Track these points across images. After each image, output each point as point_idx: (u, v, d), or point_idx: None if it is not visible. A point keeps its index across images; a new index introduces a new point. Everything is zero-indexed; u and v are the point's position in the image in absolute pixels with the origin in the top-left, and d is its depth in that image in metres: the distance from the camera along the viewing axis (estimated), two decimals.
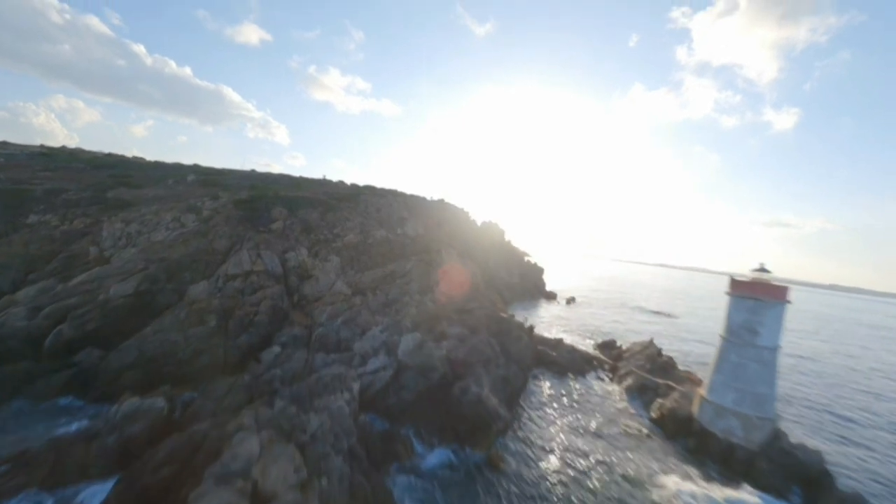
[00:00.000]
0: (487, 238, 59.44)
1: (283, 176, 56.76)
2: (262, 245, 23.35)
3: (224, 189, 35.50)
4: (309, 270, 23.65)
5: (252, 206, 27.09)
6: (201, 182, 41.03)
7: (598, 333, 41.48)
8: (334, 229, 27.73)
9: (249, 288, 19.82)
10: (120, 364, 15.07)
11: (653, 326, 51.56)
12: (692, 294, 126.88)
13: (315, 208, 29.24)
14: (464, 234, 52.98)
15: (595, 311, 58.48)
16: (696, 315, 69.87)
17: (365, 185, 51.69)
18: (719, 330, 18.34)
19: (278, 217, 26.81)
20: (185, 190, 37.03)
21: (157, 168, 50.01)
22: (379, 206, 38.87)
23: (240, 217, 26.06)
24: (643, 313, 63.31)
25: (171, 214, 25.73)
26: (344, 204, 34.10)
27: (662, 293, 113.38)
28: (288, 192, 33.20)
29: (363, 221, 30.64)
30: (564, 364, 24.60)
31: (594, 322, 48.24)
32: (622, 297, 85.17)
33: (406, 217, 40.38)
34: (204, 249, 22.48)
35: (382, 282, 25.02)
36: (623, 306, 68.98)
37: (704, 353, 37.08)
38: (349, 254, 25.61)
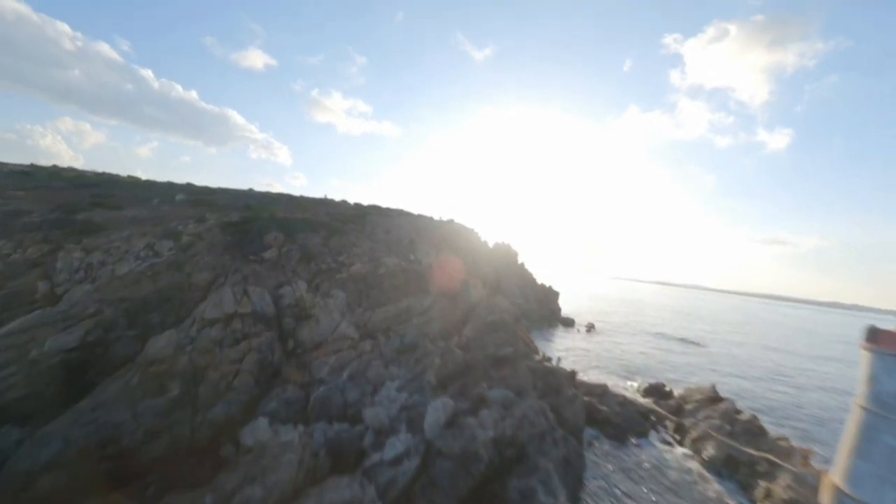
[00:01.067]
0: (501, 261, 55.32)
1: (282, 195, 53.13)
2: (252, 278, 19.08)
3: (214, 210, 31.51)
4: (308, 309, 19.29)
5: (242, 230, 22.97)
6: (191, 202, 37.13)
7: (635, 370, 36.76)
8: (339, 257, 23.51)
9: (231, 337, 15.43)
10: (34, 462, 10.52)
11: (685, 358, 46.78)
12: (702, 315, 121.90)
13: (316, 232, 25.12)
14: (476, 258, 48.87)
15: (618, 339, 53.69)
16: (723, 342, 64.99)
17: (370, 205, 47.96)
18: (856, 397, 13.84)
19: (273, 243, 22.64)
20: (171, 211, 33.05)
21: (146, 187, 46.29)
22: (387, 228, 34.88)
23: (227, 244, 21.89)
24: (667, 341, 58.49)
25: (144, 241, 21.56)
26: (349, 226, 30.06)
27: (673, 315, 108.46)
28: (286, 214, 29.19)
29: (372, 247, 26.48)
30: (620, 422, 19.93)
31: (623, 354, 43.47)
32: (637, 321, 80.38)
33: (416, 240, 36.34)
34: (178, 285, 18.18)
35: (396, 321, 20.64)
36: (643, 333, 64.21)
37: (766, 398, 32.37)
38: (356, 287, 21.30)
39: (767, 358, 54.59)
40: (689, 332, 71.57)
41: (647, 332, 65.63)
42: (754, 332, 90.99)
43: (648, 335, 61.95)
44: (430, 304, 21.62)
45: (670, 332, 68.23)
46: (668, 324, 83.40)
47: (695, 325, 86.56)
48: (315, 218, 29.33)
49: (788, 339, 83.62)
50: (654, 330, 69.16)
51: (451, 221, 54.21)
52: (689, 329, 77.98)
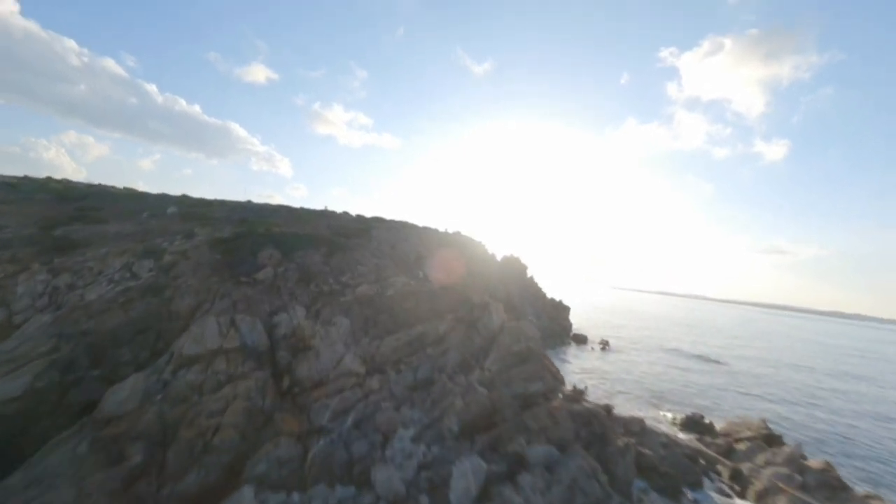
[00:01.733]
0: (510, 275, 52.77)
1: (281, 207, 50.88)
2: (242, 304, 16.49)
3: (206, 224, 29.09)
4: (307, 339, 16.65)
5: (233, 248, 20.48)
6: (183, 215, 34.74)
7: (662, 395, 33.86)
8: (342, 277, 20.95)
9: (212, 380, 12.78)
10: None
11: (709, 378, 43.83)
12: (710, 328, 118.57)
13: (317, 249, 22.62)
14: (485, 273, 46.33)
15: (635, 357, 50.74)
16: (740, 358, 61.99)
17: (373, 217, 45.65)
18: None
19: (267, 262, 20.12)
20: (160, 225, 30.62)
21: (137, 199, 43.96)
22: (393, 243, 32.44)
23: (215, 263, 19.37)
24: (685, 358, 55.52)
25: (121, 260, 19.03)
26: (352, 241, 27.60)
27: (682, 328, 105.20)
28: (284, 228, 26.76)
29: (378, 264, 23.95)
30: (668, 470, 17.09)
31: (644, 376, 40.56)
32: (649, 335, 77.41)
33: (423, 255, 33.85)
34: (156, 313, 15.58)
35: (408, 352, 17.98)
36: (658, 349, 61.23)
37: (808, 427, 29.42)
38: (362, 312, 18.68)
39: (791, 377, 51.62)
40: (703, 348, 68.63)
41: (661, 348, 62.66)
42: (767, 345, 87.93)
43: (664, 352, 59.00)
44: (446, 330, 18.99)
45: (685, 348, 65.28)
46: (679, 338, 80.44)
47: (706, 340, 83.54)
48: (315, 232, 26.89)
49: (804, 354, 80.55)
50: (668, 346, 66.19)
51: (457, 234, 51.86)
52: (702, 344, 75.00)
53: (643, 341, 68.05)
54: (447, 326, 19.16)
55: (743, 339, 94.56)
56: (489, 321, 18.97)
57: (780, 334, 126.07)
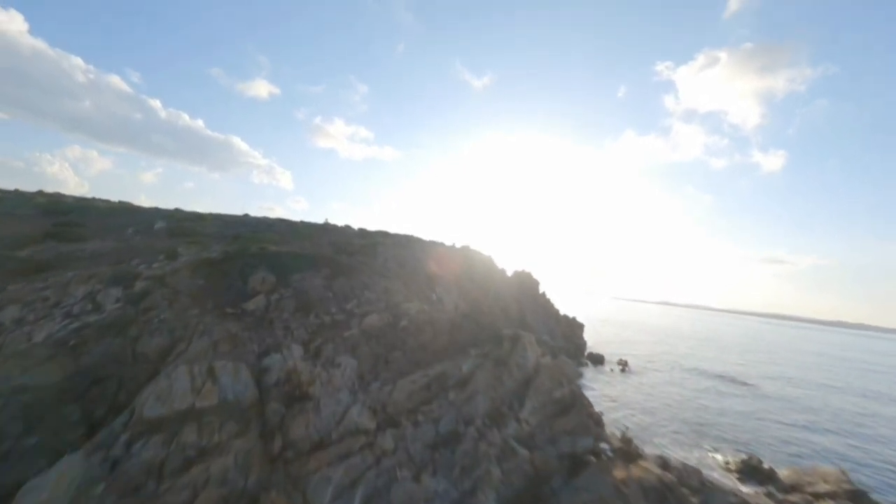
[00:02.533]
0: (522, 292, 49.72)
1: (279, 221, 48.17)
2: (224, 344, 13.49)
3: (194, 241, 26.22)
4: (304, 386, 13.59)
5: (220, 271, 17.57)
6: (171, 231, 31.92)
7: (701, 429, 30.47)
8: (346, 304, 17.97)
9: (177, 457, 9.67)
10: None
11: (743, 404, 40.39)
12: (723, 341, 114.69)
13: (317, 270, 19.69)
14: (498, 290, 43.32)
15: (657, 379, 47.28)
16: (766, 378, 58.43)
17: (378, 231, 42.88)
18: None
19: (259, 288, 17.18)
20: (144, 242, 27.74)
21: (124, 214, 41.19)
22: (401, 260, 29.53)
23: (197, 291, 16.41)
24: (710, 379, 51.99)
25: (85, 288, 16.09)
26: (357, 259, 24.71)
27: (695, 343, 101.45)
28: (281, 246, 23.89)
29: (387, 287, 20.97)
30: None
31: (674, 403, 37.14)
32: (664, 352, 73.89)
33: (435, 274, 30.90)
34: (116, 357, 12.57)
35: (426, 397, 14.88)
36: (679, 368, 57.75)
37: (872, 467, 26.03)
38: (371, 349, 15.64)
39: (827, 400, 48.08)
40: (723, 366, 65.11)
41: (680, 367, 59.15)
42: (785, 361, 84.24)
43: (685, 372, 55.50)
44: (471, 369, 15.90)
45: (705, 367, 61.76)
46: (694, 354, 76.88)
47: (722, 356, 79.90)
48: (316, 251, 24.00)
49: (827, 370, 76.89)
50: (686, 364, 62.68)
51: (466, 248, 49.03)
52: (719, 361, 71.43)
53: (659, 359, 64.57)
54: (472, 364, 16.08)
55: (758, 354, 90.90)
56: (523, 358, 15.89)
57: (792, 348, 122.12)
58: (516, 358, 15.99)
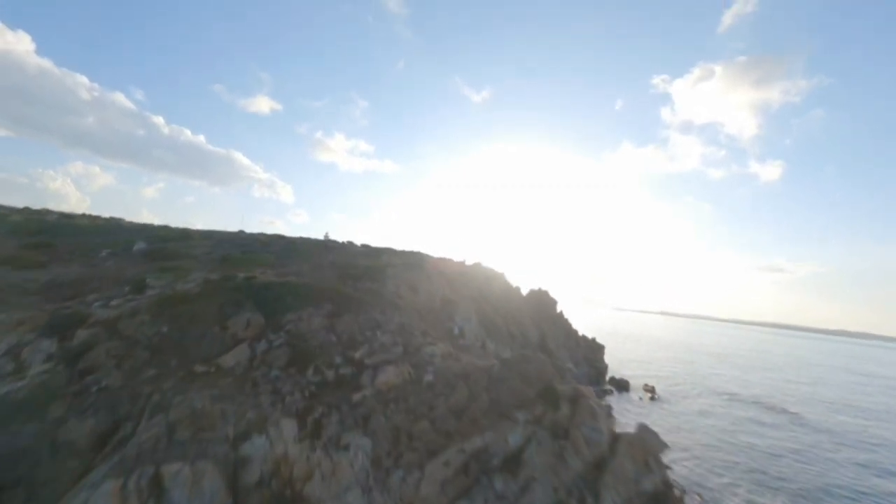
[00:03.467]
0: (539, 313, 45.74)
1: (276, 238, 44.47)
2: (184, 429, 9.58)
3: (173, 267, 22.42)
4: (298, 483, 9.62)
5: (192, 312, 13.73)
6: (150, 254, 28.09)
7: (764, 481, 26.15)
8: (355, 352, 14.07)
9: None
10: None
11: (795, 438, 36.03)
12: (738, 356, 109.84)
13: (318, 306, 15.83)
14: (515, 313, 39.39)
15: (691, 408, 42.84)
16: (805, 402, 53.96)
17: (383, 248, 39.13)
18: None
19: (243, 333, 13.32)
20: (115, 268, 23.93)
21: (105, 233, 37.39)
22: (413, 283, 25.69)
23: (158, 341, 12.51)
24: (747, 407, 47.55)
25: (11, 338, 12.18)
26: (364, 286, 20.90)
27: (713, 359, 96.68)
28: (274, 272, 20.07)
29: (402, 323, 17.07)
30: None
31: (722, 443, 32.78)
32: (686, 373, 69.42)
33: (453, 299, 27.08)
34: (27, 453, 8.68)
35: (464, 487, 10.88)
36: (710, 393, 53.30)
37: None
38: (389, 420, 11.66)
39: (879, 431, 43.74)
40: (753, 389, 60.63)
41: (709, 391, 54.70)
42: (814, 379, 79.63)
43: (716, 398, 51.07)
44: (522, 442, 11.92)
45: (735, 390, 57.33)
46: (718, 374, 72.41)
47: (748, 376, 75.27)
48: (316, 278, 20.18)
49: (862, 391, 72.27)
50: (713, 386, 58.25)
51: (478, 265, 45.27)
52: (747, 382, 66.90)
53: (683, 381, 60.13)
54: (522, 436, 12.10)
55: (782, 372, 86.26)
56: (592, 429, 11.88)
57: (810, 362, 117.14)
58: (582, 427, 11.99)
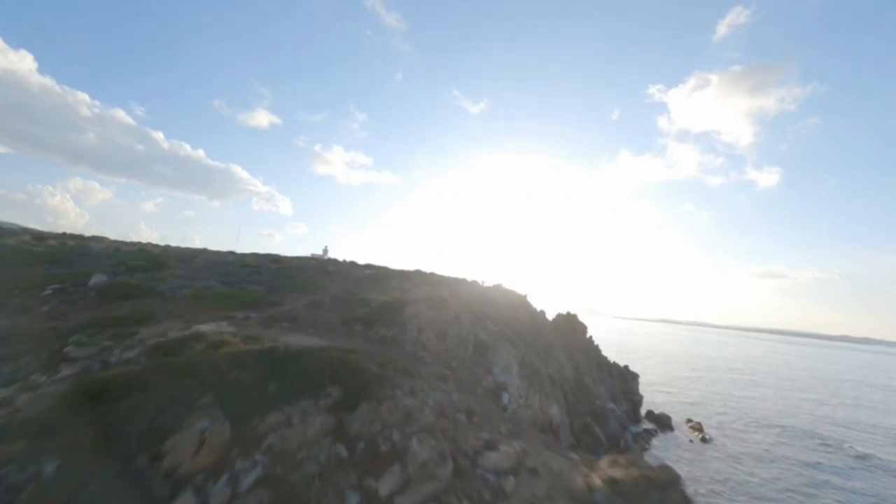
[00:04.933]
0: (569, 342, 40.12)
1: (268, 260, 39.05)
2: None
3: (125, 316, 16.82)
4: None
5: (106, 421, 8.21)
6: (107, 291, 22.29)
7: None
8: (379, 478, 8.56)
9: None
10: None
11: (888, 496, 30.24)
12: (763, 371, 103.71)
13: (316, 391, 10.32)
14: (547, 344, 33.78)
15: (747, 452, 36.82)
16: (868, 435, 48.04)
17: (395, 271, 33.65)
18: None
19: (191, 464, 7.83)
20: (53, 314, 18.25)
21: (63, 261, 31.64)
22: (440, 325, 20.13)
23: (39, 486, 7.16)
24: (806, 445, 41.56)
25: None
26: (379, 332, 15.36)
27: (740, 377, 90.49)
28: (254, 323, 14.55)
29: (442, 407, 11.50)
30: None
31: None
32: (720, 394, 63.75)
33: (487, 341, 21.56)
34: None
35: None
36: (755, 425, 47.47)
37: None
38: None
39: None
40: (802, 418, 54.73)
41: (759, 424, 48.77)
42: (853, 400, 73.65)
43: (769, 433, 45.17)
44: None
45: (784, 421, 51.48)
46: (752, 396, 66.51)
47: (785, 398, 69.28)
48: (314, 330, 14.67)
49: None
50: (760, 417, 52.30)
51: (499, 287, 39.82)
52: (789, 407, 60.93)
53: (723, 409, 54.25)
54: None
55: (813, 391, 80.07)
56: None
57: (834, 376, 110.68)
58: None
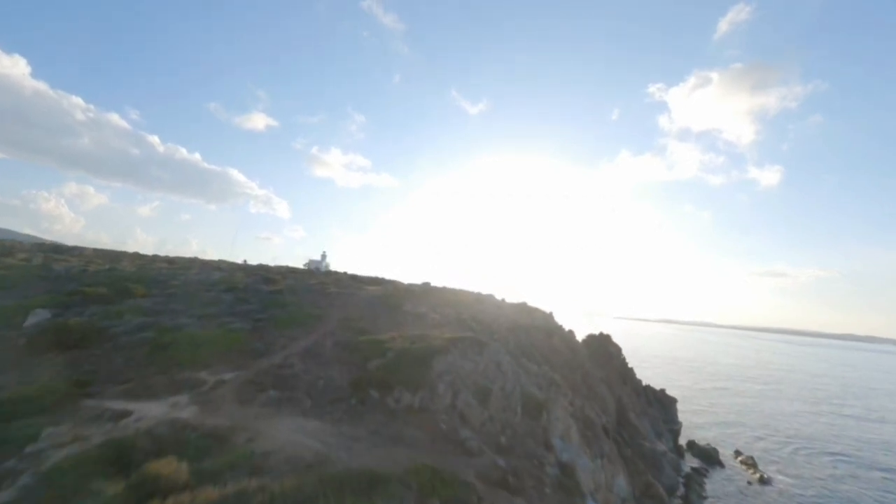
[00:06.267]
0: (604, 367, 35.24)
1: (258, 278, 34.25)
2: None
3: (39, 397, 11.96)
4: None
5: None
6: (45, 334, 17.31)
7: None
8: None
9: None
10: None
11: None
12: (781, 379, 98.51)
13: None
14: (585, 374, 28.93)
15: (817, 496, 31.97)
16: None
17: (407, 287, 28.74)
18: None
19: None
20: None
21: (14, 282, 26.49)
22: (479, 381, 15.24)
23: None
24: (875, 479, 36.72)
25: None
26: (399, 401, 10.58)
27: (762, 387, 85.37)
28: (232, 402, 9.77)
29: None
30: None
31: None
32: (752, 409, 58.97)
33: (539, 399, 16.69)
34: None
35: None
36: (809, 453, 42.55)
37: None
38: None
39: None
40: (848, 439, 49.77)
41: (809, 450, 43.81)
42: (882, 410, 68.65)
43: (825, 461, 40.29)
44: None
45: (832, 445, 46.51)
46: (787, 413, 61.28)
47: (819, 413, 64.19)
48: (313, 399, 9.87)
49: None
50: (807, 441, 47.29)
51: (523, 305, 34.96)
52: (831, 427, 55.78)
53: (762, 432, 49.19)
54: None
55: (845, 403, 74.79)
56: None
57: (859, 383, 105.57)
58: None
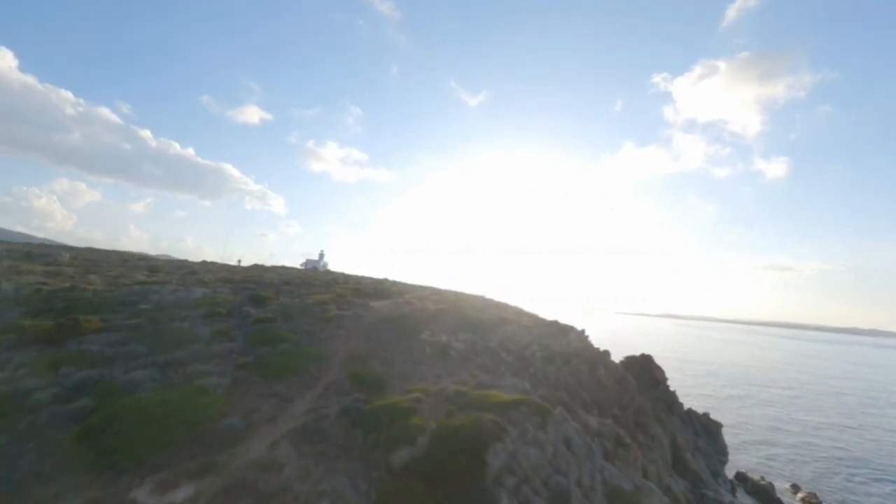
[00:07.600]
0: (650, 396, 30.77)
1: (249, 296, 29.86)
2: None
3: None
4: None
5: None
6: None
7: None
8: None
9: None
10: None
11: None
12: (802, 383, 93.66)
13: None
14: (640, 415, 24.45)
15: None
16: None
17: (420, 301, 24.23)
18: None
19: None
20: None
21: None
22: (547, 472, 10.76)
23: None
24: None
25: None
26: None
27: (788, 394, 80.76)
28: None
29: None
30: None
31: None
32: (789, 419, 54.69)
33: (627, 491, 11.98)
34: None
35: None
36: (860, 479, 38.28)
37: None
38: None
39: None
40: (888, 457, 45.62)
41: (872, 478, 39.36)
42: None
43: (891, 493, 36.05)
44: None
45: (891, 474, 42.24)
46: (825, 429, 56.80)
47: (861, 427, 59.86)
48: None
49: None
50: (863, 464, 42.92)
51: (555, 325, 30.42)
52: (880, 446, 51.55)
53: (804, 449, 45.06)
54: None
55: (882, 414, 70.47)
56: None
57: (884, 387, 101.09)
58: None
